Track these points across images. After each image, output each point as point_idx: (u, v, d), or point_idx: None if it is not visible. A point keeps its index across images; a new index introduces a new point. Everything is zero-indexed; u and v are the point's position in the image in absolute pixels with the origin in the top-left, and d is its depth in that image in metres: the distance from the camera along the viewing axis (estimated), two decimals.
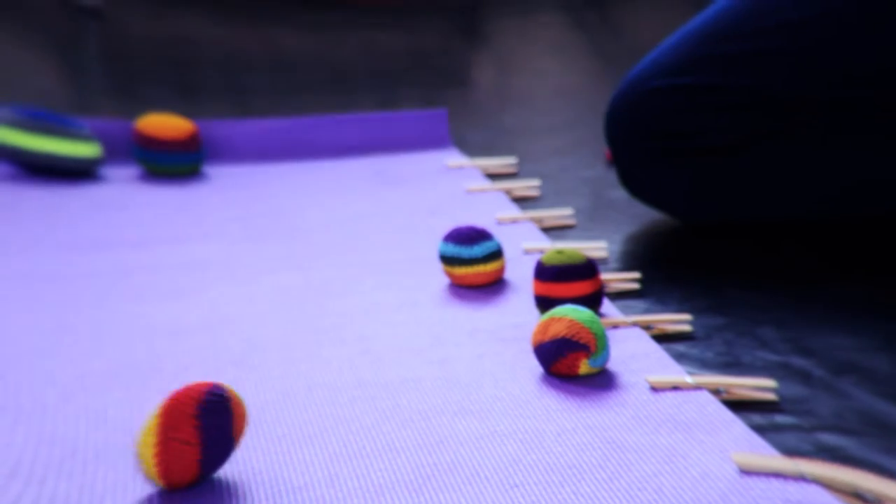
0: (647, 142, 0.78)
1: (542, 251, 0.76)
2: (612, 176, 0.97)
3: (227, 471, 0.46)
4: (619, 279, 0.70)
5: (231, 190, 0.95)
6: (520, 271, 0.72)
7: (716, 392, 0.53)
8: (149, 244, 0.77)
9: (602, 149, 1.06)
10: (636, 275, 0.70)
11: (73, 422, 0.48)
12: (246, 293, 0.69)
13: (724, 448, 0.47)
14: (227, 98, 1.30)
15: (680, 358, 0.58)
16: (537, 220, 0.83)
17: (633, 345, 0.59)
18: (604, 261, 0.75)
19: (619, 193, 0.91)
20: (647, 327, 0.62)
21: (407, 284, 0.70)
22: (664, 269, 0.73)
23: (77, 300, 0.63)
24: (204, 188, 0.95)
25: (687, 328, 0.61)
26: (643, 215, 0.85)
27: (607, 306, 0.65)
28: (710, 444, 0.47)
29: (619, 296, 0.68)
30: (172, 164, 0.95)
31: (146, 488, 0.44)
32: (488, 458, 0.47)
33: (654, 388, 0.53)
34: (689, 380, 0.54)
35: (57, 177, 0.84)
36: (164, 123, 0.94)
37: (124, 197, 0.90)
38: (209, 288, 0.70)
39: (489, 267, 0.68)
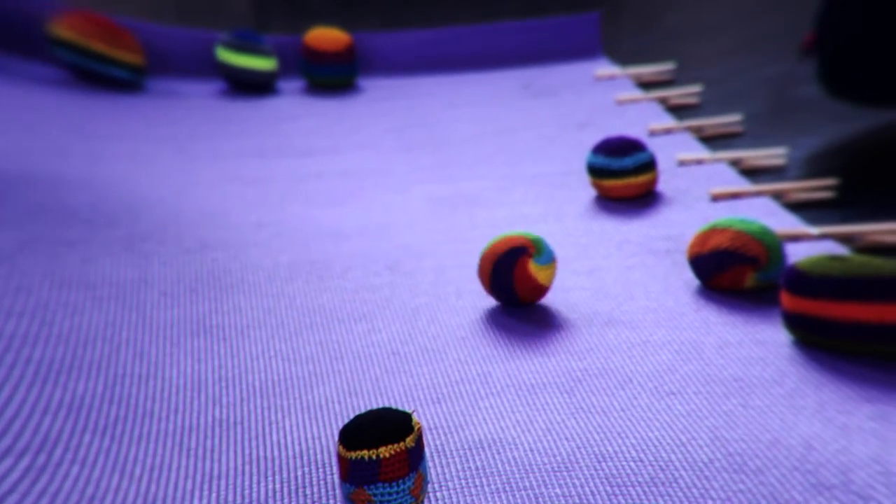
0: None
1: (699, 161, 0.73)
2: (802, 70, 0.86)
3: (382, 371, 0.48)
4: (805, 187, 0.63)
5: (383, 102, 0.96)
6: (673, 183, 0.70)
7: None
8: (314, 153, 0.83)
9: (792, 41, 0.92)
10: (831, 181, 0.62)
11: (274, 301, 0.57)
12: (399, 201, 0.71)
13: None
14: (383, 9, 1.31)
15: None
16: (696, 130, 0.80)
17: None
18: (780, 169, 0.69)
19: (809, 91, 0.82)
20: (847, 240, 0.56)
21: (554, 196, 0.70)
22: (867, 175, 0.64)
23: (266, 201, 0.72)
24: (358, 100, 0.97)
25: None
26: (841, 115, 0.75)
27: (787, 218, 0.59)
28: None
29: (804, 206, 0.63)
30: (330, 76, 1.00)
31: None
32: (641, 365, 0.46)
33: None
34: None
35: (247, 90, 1.01)
36: (325, 36, 1.00)
37: (294, 108, 0.94)
38: (366, 196, 0.73)
39: (640, 179, 0.67)
